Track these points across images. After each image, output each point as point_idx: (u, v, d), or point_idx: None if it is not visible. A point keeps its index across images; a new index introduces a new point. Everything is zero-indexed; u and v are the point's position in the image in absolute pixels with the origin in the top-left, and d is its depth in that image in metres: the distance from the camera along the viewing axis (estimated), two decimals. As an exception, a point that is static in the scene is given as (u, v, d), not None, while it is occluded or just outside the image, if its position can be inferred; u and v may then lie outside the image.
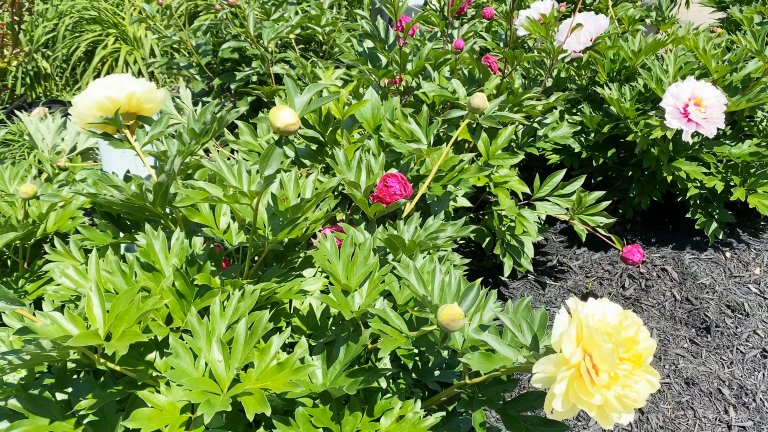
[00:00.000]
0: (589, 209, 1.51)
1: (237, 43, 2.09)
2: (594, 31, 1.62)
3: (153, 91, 1.18)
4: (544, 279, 1.66)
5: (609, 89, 1.69)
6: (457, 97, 1.41)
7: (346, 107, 1.41)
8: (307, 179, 1.00)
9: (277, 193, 0.98)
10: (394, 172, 1.15)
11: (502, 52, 1.42)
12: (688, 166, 1.58)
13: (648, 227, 1.84)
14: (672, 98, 1.45)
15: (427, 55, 1.50)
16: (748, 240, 1.73)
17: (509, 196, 1.47)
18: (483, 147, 1.48)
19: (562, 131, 1.67)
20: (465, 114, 1.14)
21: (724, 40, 1.86)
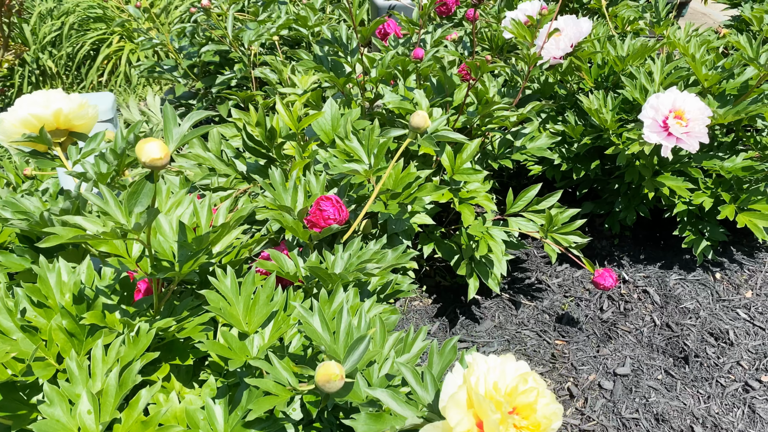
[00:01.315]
0: (563, 227, 1.42)
1: (216, 46, 2.04)
2: (575, 36, 1.52)
3: (84, 107, 1.14)
4: (519, 298, 1.57)
5: (593, 97, 1.59)
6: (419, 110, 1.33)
7: (301, 119, 1.35)
8: (221, 205, 0.94)
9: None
10: (330, 194, 1.09)
11: (465, 62, 1.34)
12: (673, 182, 1.48)
13: (637, 242, 1.74)
14: (651, 110, 1.35)
15: (389, 63, 1.42)
16: (742, 260, 1.62)
17: (474, 213, 1.39)
18: (447, 162, 1.40)
19: (540, 142, 1.58)
20: (407, 133, 1.06)
21: (724, 44, 1.74)
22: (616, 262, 1.67)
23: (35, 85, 3.45)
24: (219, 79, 2.03)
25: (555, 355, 1.39)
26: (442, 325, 1.51)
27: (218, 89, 2.08)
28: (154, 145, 0.67)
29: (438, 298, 1.59)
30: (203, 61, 2.14)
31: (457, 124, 1.47)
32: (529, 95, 1.70)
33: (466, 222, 1.36)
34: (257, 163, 1.30)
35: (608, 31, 1.84)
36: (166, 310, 0.95)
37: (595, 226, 1.81)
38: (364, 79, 1.48)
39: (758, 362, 1.34)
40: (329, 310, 0.91)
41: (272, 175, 1.10)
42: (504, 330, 1.48)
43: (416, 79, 1.51)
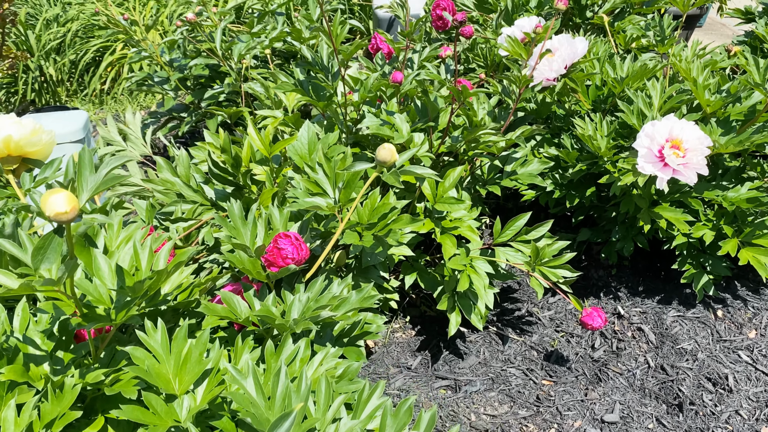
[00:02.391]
0: (552, 261, 1.34)
1: (205, 60, 1.99)
2: (569, 57, 1.44)
3: (36, 133, 1.08)
4: (507, 331, 1.49)
5: (588, 121, 1.50)
6: (398, 136, 1.26)
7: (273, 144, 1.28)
8: (163, 248, 0.88)
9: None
10: (291, 230, 1.02)
11: (448, 86, 1.26)
12: (672, 213, 1.38)
13: (635, 272, 1.64)
14: (646, 139, 1.26)
15: (371, 87, 1.35)
16: (746, 296, 1.52)
17: (455, 245, 1.31)
18: (428, 190, 1.33)
19: (532, 168, 1.50)
20: (373, 166, 0.99)
21: (732, 63, 1.64)
22: (612, 294, 1.58)
23: (38, 93, 3.43)
24: (208, 93, 1.98)
25: (540, 398, 1.31)
26: (424, 359, 1.43)
27: (207, 103, 2.03)
28: (59, 198, 0.61)
29: (422, 329, 1.51)
30: (193, 75, 2.08)
31: (442, 148, 1.39)
32: (524, 116, 1.62)
33: (447, 254, 1.28)
34: (224, 190, 1.24)
35: (610, 49, 1.76)
36: (107, 356, 0.89)
37: (593, 254, 1.72)
38: (346, 101, 1.41)
39: (759, 412, 1.24)
40: (277, 363, 0.85)
41: (230, 209, 1.03)
42: (489, 367, 1.40)
43: (398, 102, 1.44)
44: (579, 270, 1.65)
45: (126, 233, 1.02)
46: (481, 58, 1.84)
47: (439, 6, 1.95)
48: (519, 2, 1.92)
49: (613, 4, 1.94)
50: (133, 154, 1.59)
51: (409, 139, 1.29)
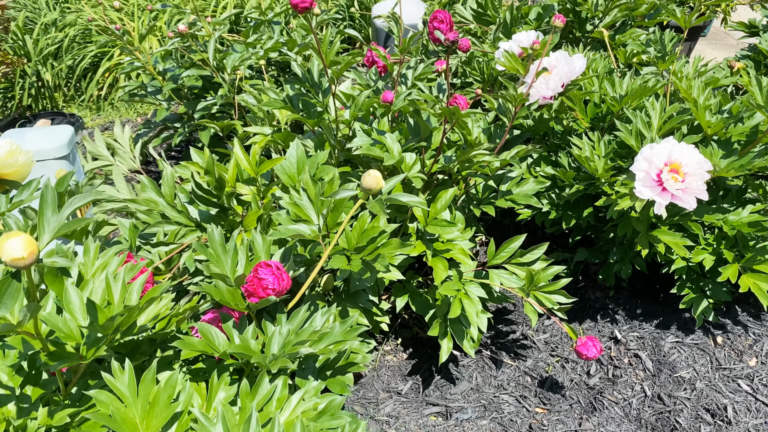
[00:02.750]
0: (547, 286, 1.30)
1: (198, 71, 1.95)
2: (567, 75, 1.40)
3: (12, 154, 1.05)
4: (501, 355, 1.45)
5: (585, 142, 1.46)
6: (388, 157, 1.22)
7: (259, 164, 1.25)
8: (136, 282, 0.84)
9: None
10: (273, 259, 0.98)
11: (440, 107, 1.23)
12: (670, 237, 1.35)
13: (634, 294, 1.60)
14: (644, 162, 1.22)
15: (361, 105, 1.31)
16: (747, 321, 1.48)
17: (447, 268, 1.27)
18: (420, 212, 1.29)
19: (527, 188, 1.46)
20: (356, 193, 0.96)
21: (734, 81, 1.60)
22: (610, 317, 1.54)
23: (35, 98, 3.41)
24: (200, 105, 1.94)
25: (533, 427, 1.27)
26: (415, 384, 1.39)
27: (200, 114, 2.00)
28: (16, 242, 0.57)
29: (414, 352, 1.47)
30: (186, 86, 2.05)
31: (435, 167, 1.36)
32: (520, 134, 1.59)
33: (438, 278, 1.24)
34: (208, 212, 1.20)
35: (609, 64, 1.72)
36: (79, 391, 0.85)
37: (590, 274, 1.68)
38: (337, 118, 1.38)
39: (758, 445, 1.20)
40: (252, 403, 0.81)
41: (210, 235, 1.00)
42: (481, 393, 1.36)
43: (391, 118, 1.40)
44: (576, 291, 1.62)
45: (103, 260, 0.99)
46: (478, 73, 1.81)
47: (436, 18, 1.91)
48: (517, 15, 1.89)
49: (613, 18, 1.91)
50: (121, 169, 1.55)
51: (400, 160, 1.26)
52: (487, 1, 2.07)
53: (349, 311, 1.21)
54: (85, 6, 3.73)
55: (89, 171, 1.54)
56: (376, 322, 1.37)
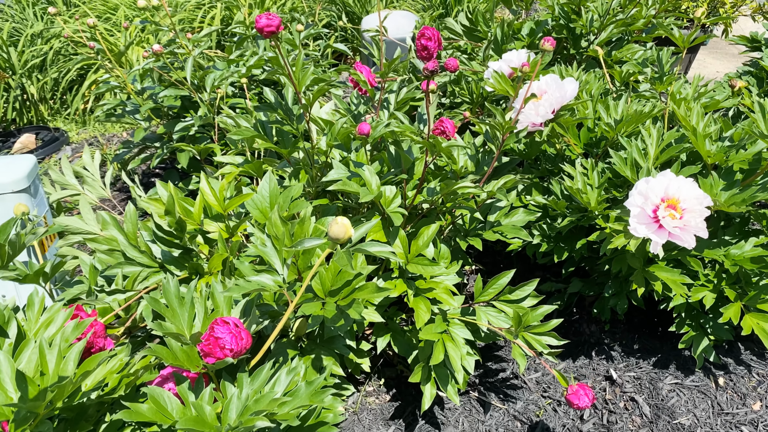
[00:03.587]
0: (536, 327, 1.22)
1: (176, 91, 1.87)
2: (557, 100, 1.32)
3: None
4: (489, 397, 1.37)
5: (577, 172, 1.38)
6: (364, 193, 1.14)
7: (227, 200, 1.17)
8: (72, 350, 0.76)
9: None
10: (229, 317, 0.90)
11: (420, 138, 1.15)
12: (668, 274, 1.26)
13: (631, 328, 1.52)
14: (639, 197, 1.14)
15: (337, 135, 1.23)
16: (750, 361, 1.39)
17: (430, 309, 1.19)
18: (400, 249, 1.21)
19: (516, 218, 1.38)
20: (322, 243, 0.87)
21: (736, 103, 1.52)
22: (605, 354, 1.45)
23: (20, 112, 3.33)
24: (178, 126, 1.87)
25: (522, 479, 1.19)
26: (397, 430, 1.31)
27: (179, 136, 1.92)
28: None
29: (397, 393, 1.39)
30: (165, 105, 1.97)
31: (417, 199, 1.27)
32: (510, 160, 1.51)
33: (420, 321, 1.16)
34: (171, 253, 1.12)
35: (605, 85, 1.64)
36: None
37: (585, 305, 1.60)
38: (314, 146, 1.30)
39: (764, 502, 1.12)
40: (200, 486, 0.73)
41: (165, 286, 0.91)
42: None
43: (371, 149, 1.32)
44: (570, 324, 1.53)
45: (48, 315, 0.91)
46: (467, 94, 1.72)
47: (423, 36, 1.83)
48: (508, 32, 1.81)
49: (609, 34, 1.83)
50: (89, 198, 1.47)
51: (378, 195, 1.18)
52: (477, 16, 1.99)
53: (323, 360, 1.12)
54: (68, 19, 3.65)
55: (55, 201, 1.46)
56: (356, 364, 1.29)
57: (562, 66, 1.68)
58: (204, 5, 3.36)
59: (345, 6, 3.43)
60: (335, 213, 1.26)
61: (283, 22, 2.90)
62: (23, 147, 3.13)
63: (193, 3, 3.35)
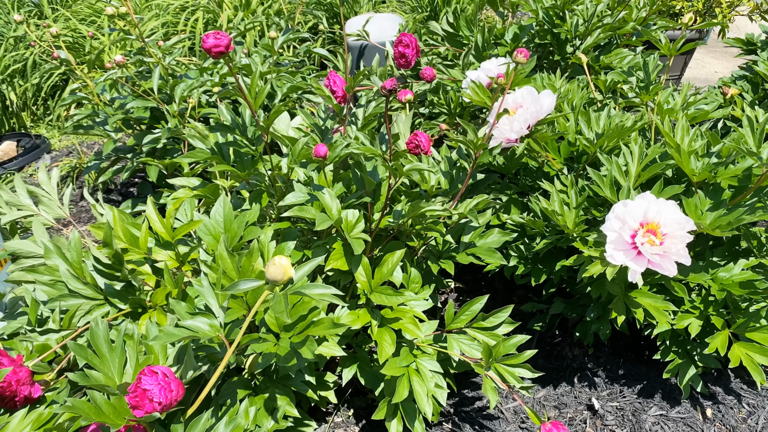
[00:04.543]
0: (509, 358, 1.14)
1: (143, 102, 1.80)
2: (533, 115, 1.24)
3: None
4: (464, 428, 1.29)
5: (560, 184, 1.30)
6: (322, 219, 1.06)
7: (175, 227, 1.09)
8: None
9: None
10: (159, 366, 0.83)
11: (383, 161, 1.07)
12: (651, 300, 1.18)
13: (615, 352, 1.44)
14: (617, 222, 1.06)
15: (298, 155, 1.16)
16: (740, 390, 1.31)
17: (395, 342, 1.12)
18: (363, 277, 1.13)
19: (491, 239, 1.30)
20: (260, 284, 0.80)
21: (726, 114, 1.44)
22: (588, 381, 1.38)
23: (1, 118, 3.26)
24: (146, 139, 1.79)
25: None
26: (364, 465, 1.24)
27: (148, 148, 1.84)
28: None
29: (367, 425, 1.32)
30: (135, 117, 1.90)
31: (383, 222, 1.20)
32: (486, 176, 1.43)
33: (383, 356, 1.09)
34: (113, 286, 1.05)
35: (589, 94, 1.55)
36: None
37: (568, 327, 1.52)
38: (273, 167, 1.22)
39: None
40: None
41: (93, 330, 0.84)
42: (438, 476, 1.20)
43: (335, 170, 1.24)
44: (552, 347, 1.46)
45: (-35, 362, 0.84)
46: (444, 103, 1.65)
47: (401, 43, 1.75)
48: (489, 38, 1.73)
49: (596, 39, 1.74)
50: (44, 219, 1.40)
51: (339, 220, 1.10)
52: (459, 20, 1.91)
53: (278, 399, 1.05)
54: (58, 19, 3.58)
55: (8, 223, 1.39)
56: (321, 396, 1.22)
57: (544, 74, 1.60)
58: (188, 8, 3.28)
59: (333, 8, 3.35)
60: (296, 237, 1.19)
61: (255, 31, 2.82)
62: (4, 155, 3.06)
63: (177, 6, 3.27)
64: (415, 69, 1.86)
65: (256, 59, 1.97)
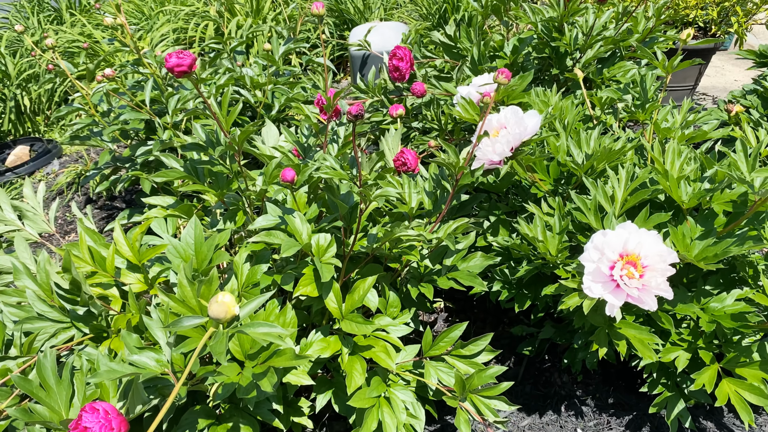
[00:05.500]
0: (486, 390, 1.11)
1: (137, 114, 1.80)
2: (516, 137, 1.20)
3: None
4: (442, 457, 1.26)
5: (547, 206, 1.26)
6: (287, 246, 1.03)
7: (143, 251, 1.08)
8: None
9: None
10: (101, 402, 0.81)
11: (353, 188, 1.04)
12: (635, 332, 1.13)
13: (606, 380, 1.39)
14: (595, 252, 1.01)
15: (271, 175, 1.13)
16: (733, 426, 1.25)
17: (365, 372, 1.08)
18: (334, 304, 1.10)
19: (474, 263, 1.27)
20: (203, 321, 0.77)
21: (726, 134, 1.38)
22: (575, 410, 1.33)
23: (15, 123, 3.31)
24: (139, 151, 1.79)
25: None
26: (338, 493, 1.21)
27: (142, 160, 1.84)
28: None
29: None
30: (130, 127, 1.89)
31: (356, 247, 1.17)
32: (472, 197, 1.39)
33: (352, 386, 1.06)
34: (76, 311, 1.03)
35: (584, 111, 1.50)
36: None
37: (558, 352, 1.48)
38: (248, 186, 1.20)
39: None
40: None
41: (41, 362, 0.83)
42: (412, 508, 1.17)
43: (309, 191, 1.22)
44: (541, 372, 1.42)
45: None
46: (435, 119, 1.61)
47: (395, 56, 1.72)
48: (485, 52, 1.68)
49: (596, 52, 1.68)
50: (27, 234, 1.40)
51: (308, 245, 1.07)
52: (460, 30, 1.86)
53: (242, 429, 1.02)
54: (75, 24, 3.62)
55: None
56: (294, 422, 1.19)
57: (539, 89, 1.55)
58: (198, 13, 3.28)
59: (343, 14, 3.33)
60: (269, 260, 1.16)
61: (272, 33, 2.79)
62: (17, 159, 3.11)
63: (188, 11, 3.28)
64: (411, 81, 1.82)
65: (248, 71, 1.95)
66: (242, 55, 2.25)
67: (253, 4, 3.21)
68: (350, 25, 3.36)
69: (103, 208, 2.47)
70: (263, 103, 1.94)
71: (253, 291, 1.11)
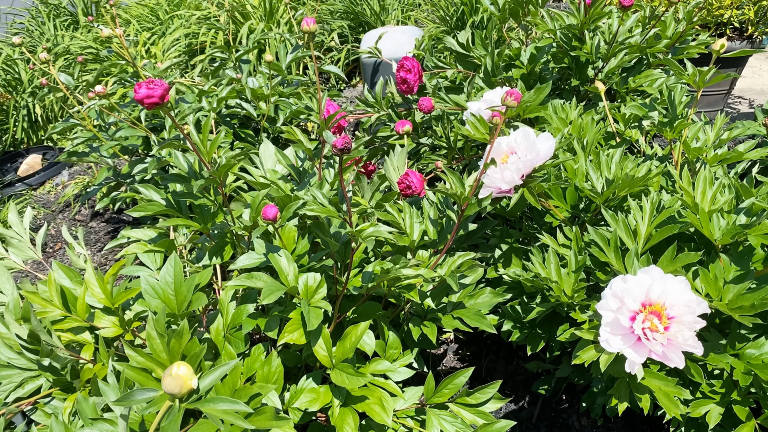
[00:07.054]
0: (491, 447, 1.00)
1: (133, 131, 1.72)
2: (527, 164, 1.08)
3: None
4: None
5: (563, 237, 1.14)
6: (270, 289, 0.94)
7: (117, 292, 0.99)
8: None
9: None
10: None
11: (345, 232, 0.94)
12: (661, 383, 1.01)
13: (629, 427, 1.27)
14: (614, 301, 0.90)
15: (257, 208, 1.04)
16: (772, 485, 1.12)
17: (356, 427, 0.98)
18: (323, 352, 1.00)
19: (482, 300, 1.16)
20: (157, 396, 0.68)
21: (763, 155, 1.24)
22: (594, 459, 1.21)
23: (28, 132, 3.28)
24: (136, 168, 1.71)
25: None
26: None
27: (140, 177, 1.76)
28: None
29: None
30: (128, 143, 1.82)
31: (349, 285, 1.06)
32: (481, 224, 1.28)
33: (342, 444, 0.96)
34: (41, 361, 0.95)
35: (606, 127, 1.38)
36: None
37: (576, 392, 1.36)
38: (233, 219, 1.11)
39: None
40: None
41: None
42: None
43: (299, 224, 1.12)
44: (557, 413, 1.30)
45: None
46: (443, 137, 1.49)
47: (403, 67, 1.62)
48: (498, 62, 1.56)
49: (620, 61, 1.55)
50: (10, 262, 1.33)
51: (294, 288, 0.97)
52: (474, 37, 1.74)
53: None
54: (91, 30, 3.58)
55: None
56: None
57: (557, 101, 1.43)
58: (210, 17, 3.21)
59: (359, 17, 3.22)
60: (256, 299, 1.07)
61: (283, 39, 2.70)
62: (29, 168, 3.08)
63: (199, 16, 3.21)
64: (420, 93, 1.71)
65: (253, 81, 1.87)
66: (248, 64, 2.16)
67: (266, 6, 3.12)
68: (366, 28, 3.25)
69: (109, 222, 2.41)
70: (266, 116, 1.85)
71: (237, 334, 1.02)
